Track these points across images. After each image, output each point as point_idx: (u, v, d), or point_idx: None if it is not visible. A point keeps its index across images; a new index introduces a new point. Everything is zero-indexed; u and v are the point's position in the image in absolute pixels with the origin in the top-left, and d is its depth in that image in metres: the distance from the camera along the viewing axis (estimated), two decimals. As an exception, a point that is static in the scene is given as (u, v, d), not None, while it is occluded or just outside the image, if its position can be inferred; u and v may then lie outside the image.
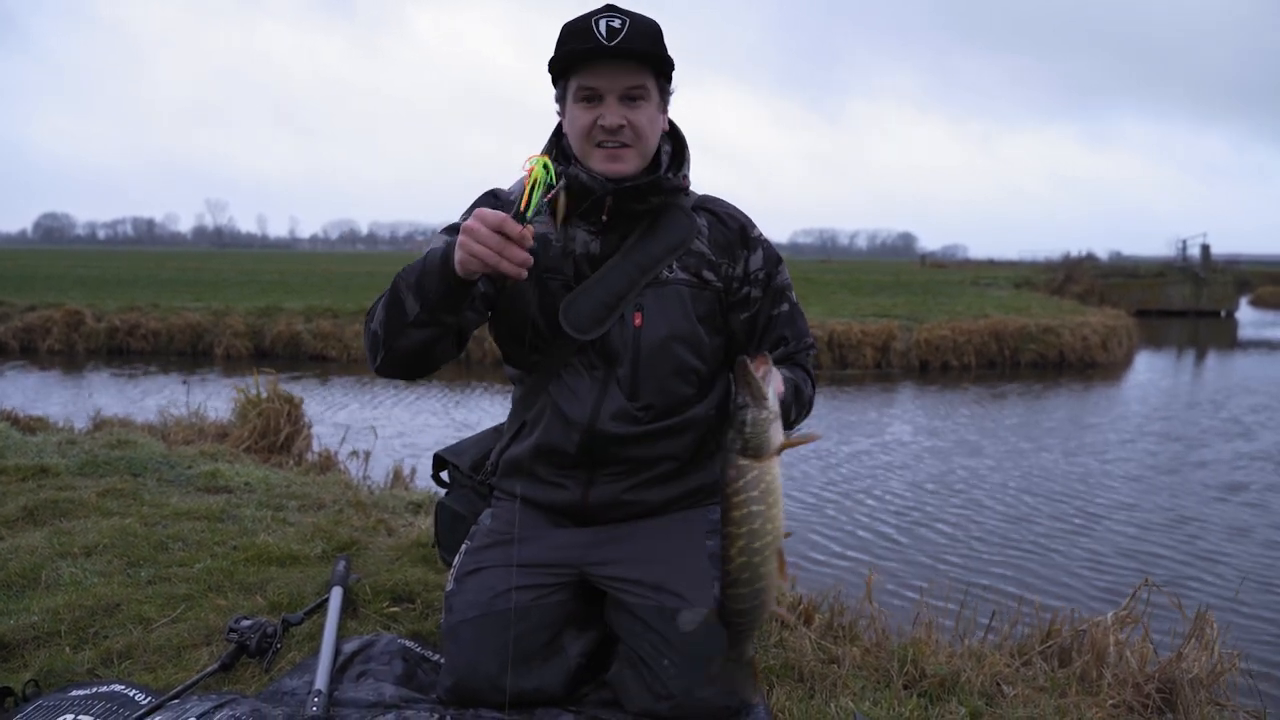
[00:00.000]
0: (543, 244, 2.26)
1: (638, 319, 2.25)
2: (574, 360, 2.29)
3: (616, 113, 2.18)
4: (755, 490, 1.87)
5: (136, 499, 4.12)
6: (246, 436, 6.17)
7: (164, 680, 2.42)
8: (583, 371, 2.29)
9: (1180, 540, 6.75)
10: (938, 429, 11.39)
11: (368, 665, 2.48)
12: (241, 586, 3.08)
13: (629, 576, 2.30)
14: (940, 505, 7.70)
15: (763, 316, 2.40)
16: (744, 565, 1.88)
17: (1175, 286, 35.02)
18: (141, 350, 18.14)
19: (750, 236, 2.40)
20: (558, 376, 2.31)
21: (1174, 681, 2.69)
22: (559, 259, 2.28)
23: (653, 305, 2.26)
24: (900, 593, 5.32)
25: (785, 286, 2.43)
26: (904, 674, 2.55)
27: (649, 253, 2.28)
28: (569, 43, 2.19)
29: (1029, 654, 2.90)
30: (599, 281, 2.26)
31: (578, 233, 2.29)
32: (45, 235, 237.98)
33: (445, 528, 2.68)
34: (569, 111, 2.24)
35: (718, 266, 2.34)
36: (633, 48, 2.15)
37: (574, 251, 2.29)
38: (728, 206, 2.43)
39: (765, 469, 1.86)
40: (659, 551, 2.32)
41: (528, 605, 2.28)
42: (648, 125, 2.23)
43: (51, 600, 2.87)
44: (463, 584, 2.36)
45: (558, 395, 2.31)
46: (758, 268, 2.38)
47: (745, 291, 2.37)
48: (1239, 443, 10.63)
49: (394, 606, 2.93)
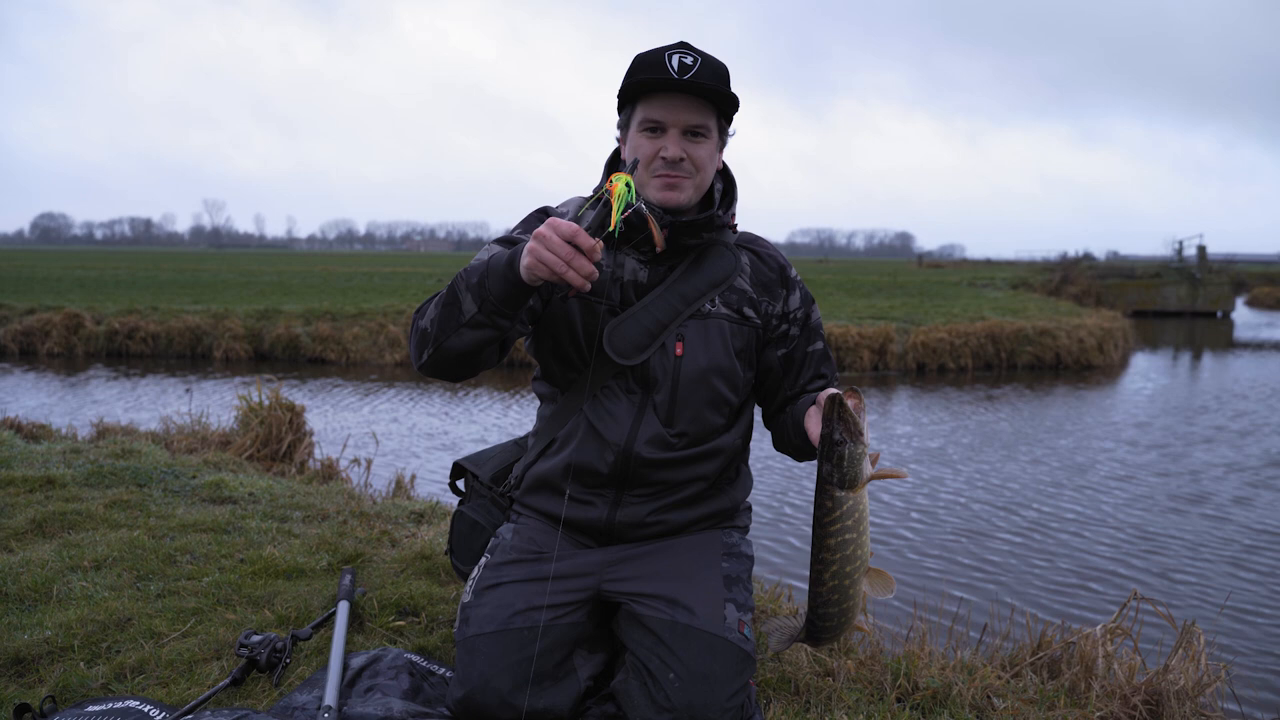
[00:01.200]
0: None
1: (679, 348, 2.34)
2: (612, 383, 2.37)
3: (678, 145, 2.26)
4: (850, 519, 2.03)
5: (143, 510, 4.18)
6: (249, 445, 6.23)
7: (177, 695, 2.49)
8: (620, 395, 2.37)
9: (1171, 551, 6.82)
10: (933, 434, 11.46)
11: (375, 680, 2.54)
12: (250, 600, 3.15)
13: (644, 591, 2.37)
14: (935, 513, 7.76)
15: (799, 353, 2.52)
16: (835, 588, 2.07)
17: (1171, 287, 35.14)
18: (141, 353, 18.18)
19: (789, 277, 2.51)
20: (594, 397, 2.38)
21: (1160, 693, 2.75)
22: (607, 283, 2.35)
23: (694, 336, 2.35)
24: (896, 604, 5.38)
25: (819, 326, 2.56)
26: (897, 687, 2.62)
27: (694, 285, 2.36)
28: (640, 73, 2.26)
29: (1020, 666, 2.96)
30: (644, 309, 2.34)
31: (627, 260, 2.37)
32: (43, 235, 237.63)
33: (461, 536, 2.75)
34: (632, 139, 2.32)
35: (758, 304, 2.45)
36: (702, 85, 2.22)
37: (622, 278, 2.37)
38: (769, 247, 2.55)
39: (859, 499, 2.03)
40: (674, 568, 2.40)
41: (546, 624, 2.34)
42: (707, 161, 2.32)
43: (64, 615, 2.93)
44: (481, 598, 2.42)
45: (594, 416, 2.37)
46: (796, 307, 2.50)
47: (783, 329, 2.49)
48: (1232, 449, 10.70)
49: (400, 620, 2.99)
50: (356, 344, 17.96)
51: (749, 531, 2.68)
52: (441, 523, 4.19)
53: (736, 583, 2.44)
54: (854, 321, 18.88)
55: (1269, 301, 42.48)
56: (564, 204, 2.46)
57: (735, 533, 2.60)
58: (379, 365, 17.46)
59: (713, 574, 2.41)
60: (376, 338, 18.14)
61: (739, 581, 2.45)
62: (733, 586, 2.41)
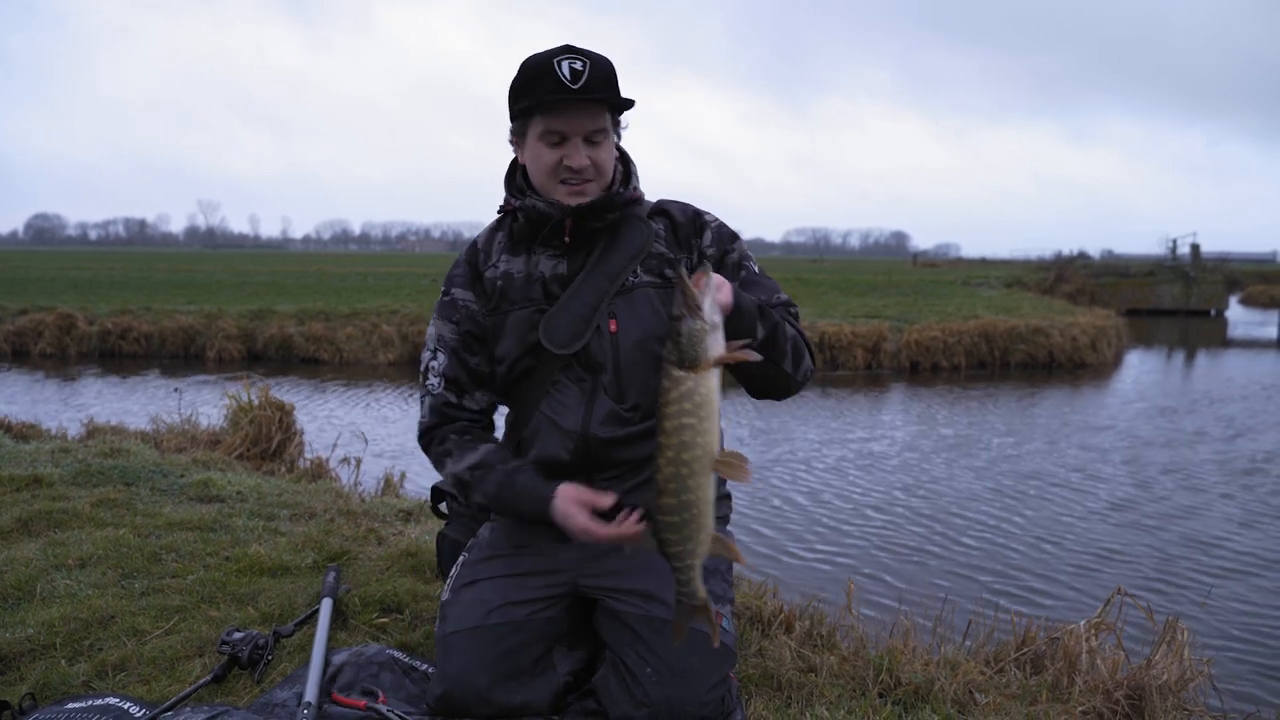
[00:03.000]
0: (507, 279, 2.43)
1: (613, 326, 2.36)
2: (560, 376, 2.40)
3: (582, 154, 2.30)
4: (689, 403, 1.88)
5: (130, 509, 4.17)
6: (238, 444, 6.22)
7: (158, 692, 2.48)
8: (570, 385, 2.39)
9: (1156, 547, 6.84)
10: (925, 433, 11.48)
11: (357, 676, 2.54)
12: (234, 598, 3.14)
13: (620, 586, 2.37)
14: (924, 511, 7.77)
15: None
16: (672, 475, 1.91)
17: (1165, 286, 35.19)
18: (134, 353, 18.15)
19: (702, 222, 2.49)
20: (547, 394, 2.41)
21: (1143, 688, 2.75)
22: (525, 287, 2.42)
23: (624, 311, 2.37)
24: (881, 600, 5.39)
25: (742, 258, 2.48)
26: (879, 682, 2.62)
27: (613, 263, 2.39)
28: (533, 85, 2.27)
29: (1003, 661, 2.97)
30: (571, 298, 2.37)
31: (540, 259, 2.42)
32: (36, 236, 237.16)
33: (447, 557, 2.78)
34: (532, 149, 2.35)
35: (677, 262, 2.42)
36: (595, 92, 2.25)
37: (541, 276, 2.41)
38: (682, 205, 2.54)
39: (700, 380, 1.88)
40: (650, 563, 2.38)
41: (522, 620, 2.34)
42: (608, 160, 2.36)
43: (47, 613, 2.92)
44: (459, 595, 2.43)
45: (550, 410, 2.40)
46: (708, 244, 2.46)
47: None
48: (1221, 448, 10.73)
49: (383, 617, 2.99)
50: (350, 344, 17.94)
51: (729, 522, 2.66)
52: (429, 521, 4.19)
53: (714, 575, 2.43)
54: (848, 320, 18.89)
55: (1262, 300, 42.54)
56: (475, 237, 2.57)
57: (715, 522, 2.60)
58: (372, 365, 17.44)
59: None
60: (370, 338, 18.11)
61: (717, 574, 2.45)
62: (710, 579, 2.39)
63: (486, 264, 2.48)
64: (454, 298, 2.49)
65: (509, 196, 2.46)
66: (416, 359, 14.84)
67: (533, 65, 2.28)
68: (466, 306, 2.47)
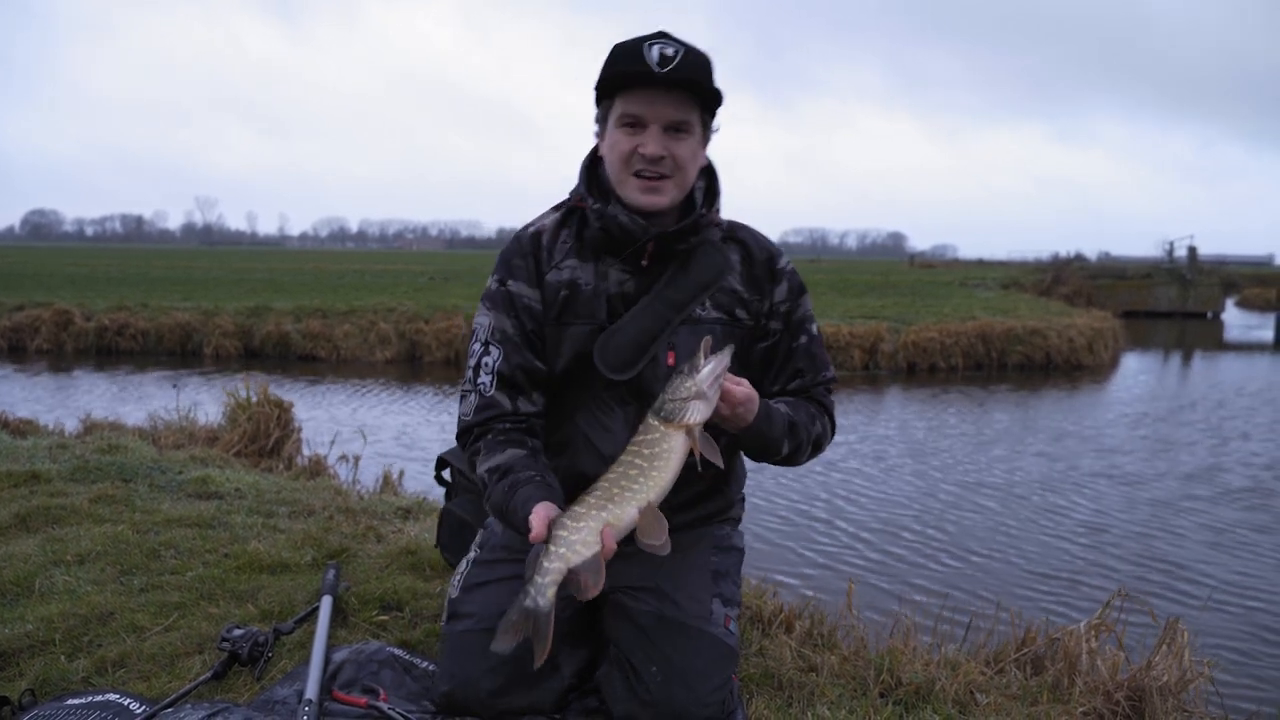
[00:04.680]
0: (573, 290, 2.27)
1: (670, 358, 2.24)
2: (603, 394, 2.29)
3: (659, 142, 2.15)
4: (647, 449, 1.92)
5: (128, 505, 4.16)
6: (236, 441, 6.21)
7: (158, 689, 2.47)
8: (614, 407, 2.29)
9: (1157, 547, 6.84)
10: (922, 433, 11.48)
11: (357, 674, 2.54)
12: (233, 595, 3.13)
13: (632, 583, 2.34)
14: (923, 512, 7.78)
15: (781, 349, 2.40)
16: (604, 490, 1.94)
17: (1162, 288, 35.23)
18: (130, 350, 18.12)
19: (777, 269, 2.39)
20: (586, 406, 2.31)
21: (1143, 689, 2.75)
22: (591, 301, 2.27)
23: (686, 344, 2.23)
24: (882, 600, 5.39)
25: (806, 318, 2.42)
26: (880, 682, 2.62)
27: (682, 290, 2.26)
28: (618, 64, 2.15)
29: (1004, 662, 2.97)
30: (632, 320, 2.24)
31: (610, 271, 2.28)
32: (33, 232, 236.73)
33: (451, 533, 2.73)
34: (609, 135, 2.22)
35: (749, 304, 2.35)
36: (682, 78, 2.11)
37: (607, 291, 2.27)
38: (758, 237, 2.42)
39: (665, 435, 1.91)
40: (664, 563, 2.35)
41: None
42: (689, 159, 2.21)
43: (46, 609, 2.92)
44: (470, 595, 2.39)
45: (588, 428, 2.31)
46: (781, 299, 2.37)
47: (767, 324, 2.38)
48: (1218, 449, 10.74)
49: (383, 615, 2.98)
50: (347, 341, 17.92)
51: (740, 522, 2.65)
52: (428, 518, 4.18)
53: (724, 577, 2.42)
54: (845, 321, 18.89)
55: (1258, 303, 42.58)
56: (534, 221, 2.40)
57: (727, 525, 2.57)
58: (369, 363, 17.42)
59: (702, 568, 2.39)
60: (367, 335, 18.09)
61: (727, 576, 2.44)
62: (720, 581, 2.39)
63: (550, 264, 2.31)
64: (513, 291, 2.30)
65: (586, 195, 2.29)
66: (413, 356, 14.73)
67: (622, 47, 2.16)
68: (529, 305, 2.30)
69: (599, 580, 1.88)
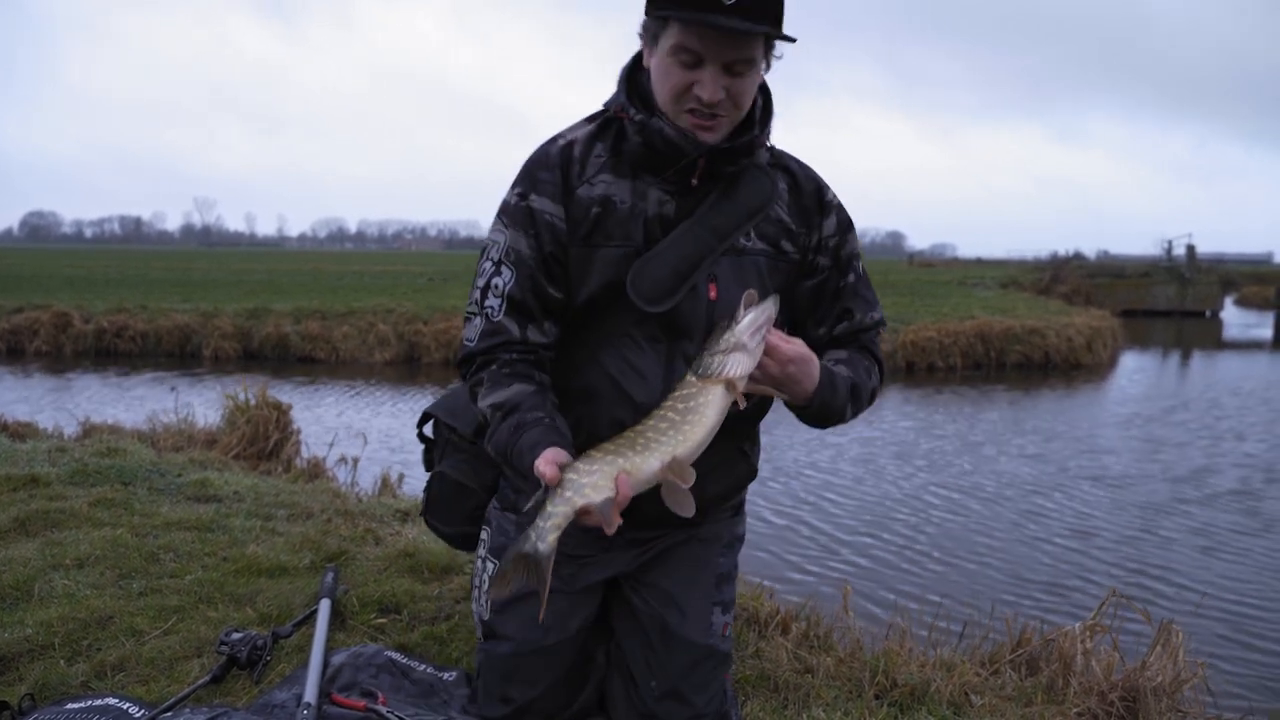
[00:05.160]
0: (606, 207, 2.03)
1: (712, 291, 2.03)
2: (632, 330, 2.06)
3: (717, 84, 1.90)
4: (681, 404, 1.81)
5: (127, 509, 4.17)
6: (235, 443, 6.22)
7: (157, 692, 2.49)
8: (644, 346, 2.06)
9: (1149, 551, 6.84)
10: (919, 434, 11.50)
11: (355, 677, 2.55)
12: (232, 598, 3.15)
13: (644, 579, 2.30)
14: (920, 512, 7.79)
15: (829, 287, 2.20)
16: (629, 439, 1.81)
17: (1161, 287, 35.26)
18: (129, 352, 18.12)
19: (825, 200, 2.18)
20: (612, 345, 2.07)
21: (1138, 690, 2.77)
22: (627, 222, 2.03)
23: (729, 276, 2.04)
24: (879, 600, 5.40)
25: (854, 255, 2.22)
26: (875, 684, 2.63)
27: (727, 217, 2.04)
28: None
29: (999, 663, 2.99)
30: (671, 246, 2.01)
31: (650, 190, 2.04)
32: (32, 233, 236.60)
33: (444, 500, 2.44)
34: (661, 62, 1.94)
35: (796, 236, 2.13)
36: (751, 13, 1.83)
37: (645, 213, 2.03)
38: (806, 167, 2.21)
39: (702, 390, 1.80)
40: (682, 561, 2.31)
41: (575, 631, 2.25)
42: (748, 96, 1.98)
43: (45, 613, 2.93)
44: (506, 615, 2.24)
45: (618, 371, 2.07)
46: (830, 233, 2.17)
47: (815, 260, 2.18)
48: (1211, 450, 10.74)
49: (381, 618, 3.00)
50: (346, 343, 17.93)
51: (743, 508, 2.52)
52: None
53: (727, 581, 2.39)
54: (844, 321, 18.89)
55: (1257, 301, 42.62)
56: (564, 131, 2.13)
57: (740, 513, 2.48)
58: (368, 364, 17.43)
59: (709, 571, 2.37)
60: (366, 337, 18.11)
61: (728, 578, 2.41)
62: (723, 586, 2.37)
63: (581, 179, 2.04)
64: (535, 208, 2.03)
65: (627, 103, 2.03)
66: (412, 358, 14.67)
67: None
68: (552, 224, 2.02)
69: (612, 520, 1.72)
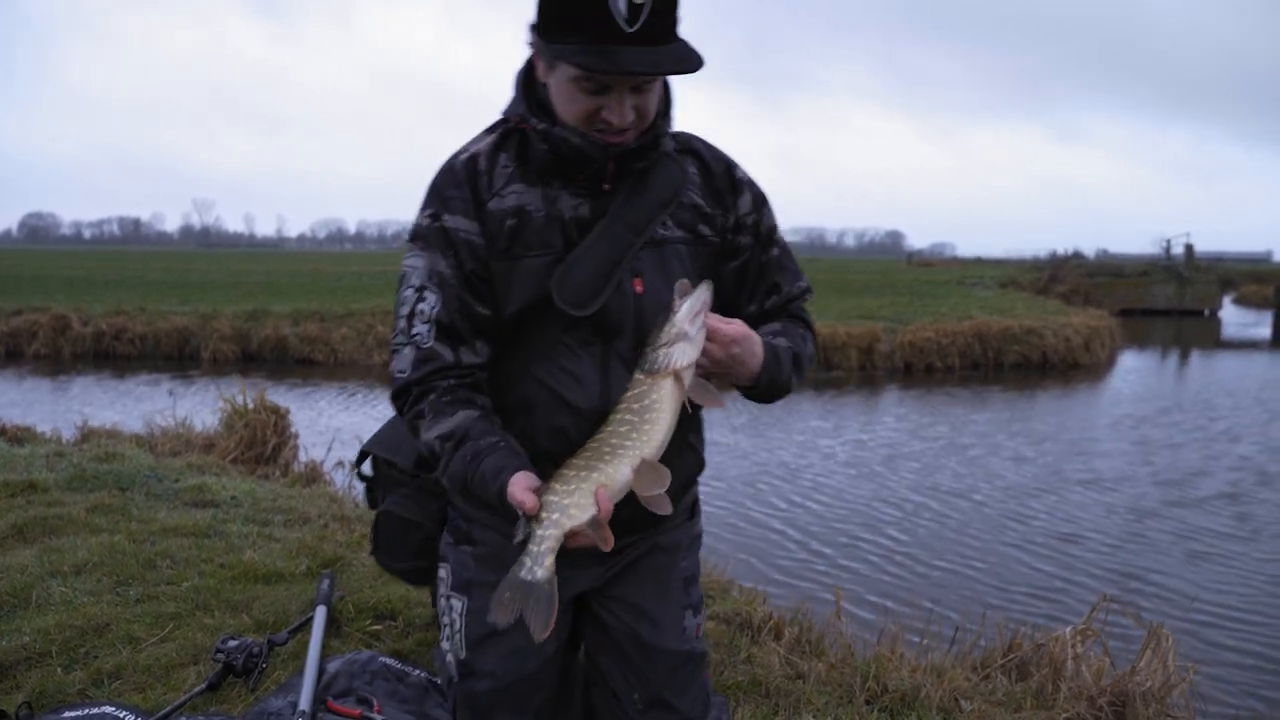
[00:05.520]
0: (522, 218, 1.97)
1: (639, 285, 1.99)
2: (563, 338, 2.00)
3: (626, 107, 1.84)
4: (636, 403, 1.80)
5: (125, 515, 4.19)
6: (233, 447, 6.23)
7: (153, 700, 2.51)
8: (577, 350, 2.01)
9: (1139, 555, 6.85)
10: (913, 436, 11.52)
11: (351, 684, 2.57)
12: (228, 605, 3.17)
13: (611, 594, 2.25)
14: (915, 516, 7.82)
15: (753, 265, 2.16)
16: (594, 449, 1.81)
17: (1159, 286, 35.24)
18: (128, 354, 18.14)
19: (736, 178, 2.13)
20: (544, 355, 2.01)
21: (1127, 694, 2.79)
22: (544, 230, 1.97)
23: (652, 268, 2.01)
24: (870, 604, 5.41)
25: (774, 228, 2.18)
26: (866, 689, 2.66)
27: (641, 209, 2.01)
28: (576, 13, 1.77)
29: (990, 668, 3.01)
30: (590, 248, 1.97)
31: (560, 196, 1.98)
32: (30, 235, 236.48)
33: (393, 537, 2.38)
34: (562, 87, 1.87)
35: (712, 219, 2.10)
36: (656, 33, 1.76)
37: (561, 218, 1.97)
38: (712, 147, 2.15)
39: (653, 386, 1.79)
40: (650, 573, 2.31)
41: (553, 652, 2.20)
42: (654, 105, 1.93)
43: (43, 620, 2.95)
44: (482, 652, 2.15)
45: (553, 380, 2.01)
46: (747, 211, 2.13)
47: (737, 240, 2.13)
48: (1207, 451, 10.77)
49: (376, 624, 3.02)
50: (344, 345, 17.95)
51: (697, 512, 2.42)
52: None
53: (692, 582, 2.38)
54: (842, 321, 18.94)
55: (1256, 300, 42.60)
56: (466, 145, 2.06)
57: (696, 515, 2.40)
58: (366, 366, 17.45)
59: (676, 578, 2.37)
60: (364, 338, 18.13)
61: (694, 579, 2.39)
62: (690, 588, 2.35)
63: (491, 192, 1.98)
64: (449, 227, 1.98)
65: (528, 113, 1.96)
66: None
67: None
68: (469, 240, 1.97)
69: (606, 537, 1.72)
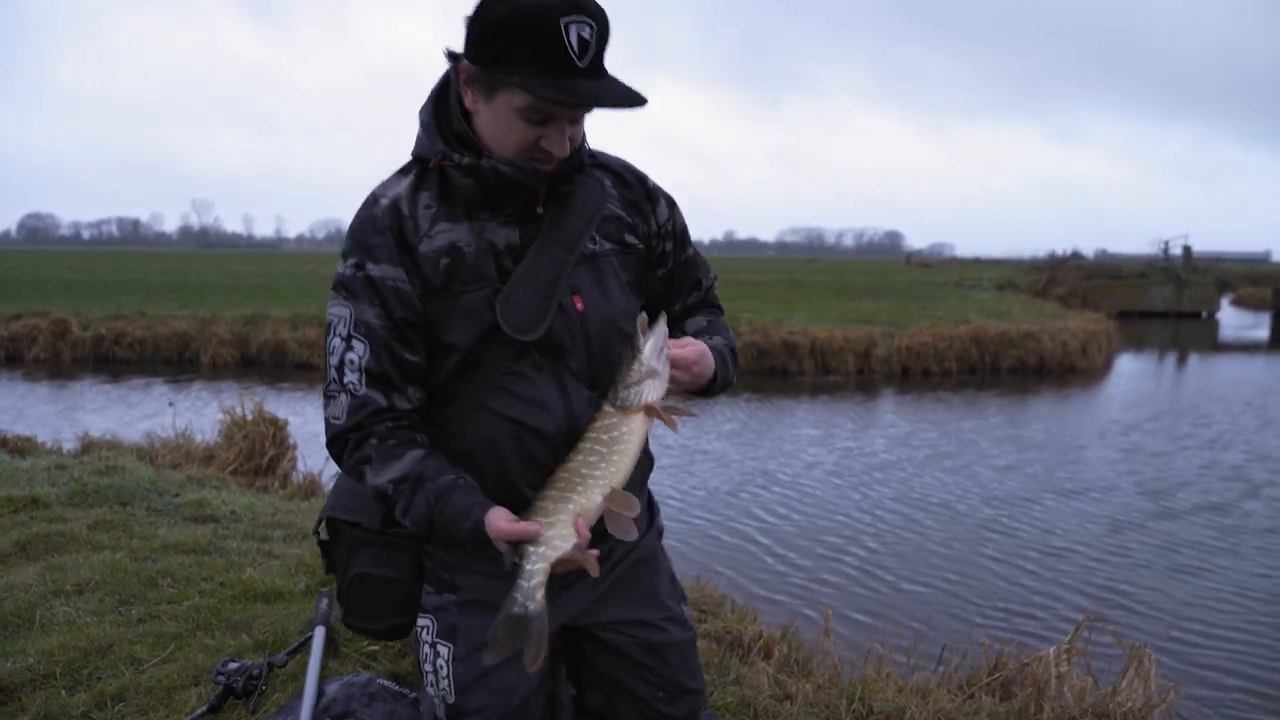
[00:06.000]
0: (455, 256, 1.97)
1: (578, 302, 2.03)
2: (514, 367, 2.00)
3: (565, 136, 1.91)
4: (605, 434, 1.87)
5: (126, 531, 4.25)
6: (232, 459, 6.30)
7: (155, 723, 2.57)
8: (532, 376, 2.01)
9: (1127, 568, 6.85)
10: (906, 444, 11.56)
11: (349, 706, 2.62)
12: (228, 625, 3.23)
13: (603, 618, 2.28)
14: (908, 528, 7.84)
15: (676, 268, 2.26)
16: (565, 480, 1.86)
17: (1157, 288, 35.28)
18: (128, 359, 18.18)
19: (650, 188, 2.21)
20: (500, 390, 2.01)
21: (1109, 714, 2.85)
22: (478, 264, 1.98)
23: (589, 284, 2.05)
24: (856, 622, 5.42)
25: (685, 228, 2.27)
26: (852, 711, 2.71)
27: (570, 228, 2.04)
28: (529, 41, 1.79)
29: (975, 687, 3.07)
30: (527, 273, 1.99)
31: (488, 226, 2.00)
32: (29, 235, 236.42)
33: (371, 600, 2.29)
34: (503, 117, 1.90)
35: (635, 228, 2.17)
36: (599, 67, 1.83)
37: (495, 248, 1.99)
38: (620, 160, 2.23)
39: (623, 420, 1.87)
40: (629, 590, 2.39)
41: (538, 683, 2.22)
42: (582, 132, 2.01)
43: (46, 641, 3.01)
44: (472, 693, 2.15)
45: (517, 412, 2.01)
46: (665, 219, 2.20)
47: (662, 247, 2.21)
48: (1198, 460, 10.78)
49: (373, 645, 3.08)
50: (344, 348, 17.97)
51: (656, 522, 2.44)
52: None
53: (673, 577, 2.46)
54: (839, 325, 18.99)
55: (1254, 302, 42.64)
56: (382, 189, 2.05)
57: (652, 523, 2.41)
58: (366, 370, 17.45)
59: (663, 579, 2.42)
60: (364, 342, 18.16)
61: (672, 574, 2.47)
62: (674, 582, 2.43)
63: (419, 235, 1.97)
64: (374, 275, 1.96)
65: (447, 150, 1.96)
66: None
67: (533, 18, 1.77)
68: (397, 288, 1.96)
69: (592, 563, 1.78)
